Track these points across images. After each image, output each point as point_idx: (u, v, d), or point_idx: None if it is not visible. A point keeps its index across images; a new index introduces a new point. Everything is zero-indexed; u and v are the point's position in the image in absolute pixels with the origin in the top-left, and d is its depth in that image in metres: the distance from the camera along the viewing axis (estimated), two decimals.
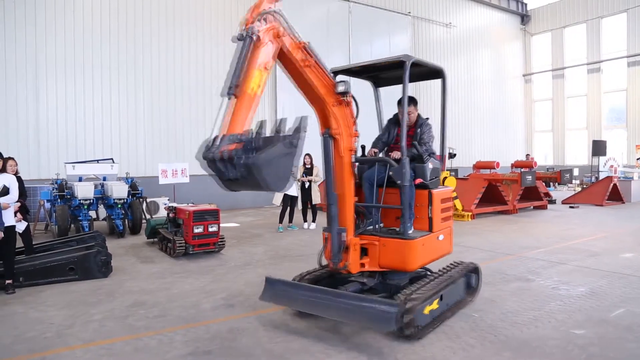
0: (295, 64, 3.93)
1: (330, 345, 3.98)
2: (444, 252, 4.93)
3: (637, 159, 21.10)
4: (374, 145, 5.11)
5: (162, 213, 11.25)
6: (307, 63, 3.98)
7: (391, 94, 5.49)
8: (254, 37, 3.52)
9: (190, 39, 15.05)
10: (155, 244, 9.00)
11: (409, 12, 20.77)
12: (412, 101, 4.91)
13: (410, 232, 4.45)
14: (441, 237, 4.78)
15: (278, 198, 10.83)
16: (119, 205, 10.05)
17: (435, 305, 4.31)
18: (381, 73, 5.32)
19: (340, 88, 4.12)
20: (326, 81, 4.14)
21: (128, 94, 14.06)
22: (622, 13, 22.78)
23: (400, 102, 4.70)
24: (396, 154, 4.54)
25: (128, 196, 10.19)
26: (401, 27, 20.52)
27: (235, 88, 3.42)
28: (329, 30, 17.97)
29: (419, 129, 4.93)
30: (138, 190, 10.63)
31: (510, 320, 4.55)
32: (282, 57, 3.89)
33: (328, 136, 4.25)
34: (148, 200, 11.92)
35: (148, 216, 11.33)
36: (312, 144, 5.13)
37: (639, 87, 22.33)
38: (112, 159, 12.24)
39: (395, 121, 5.08)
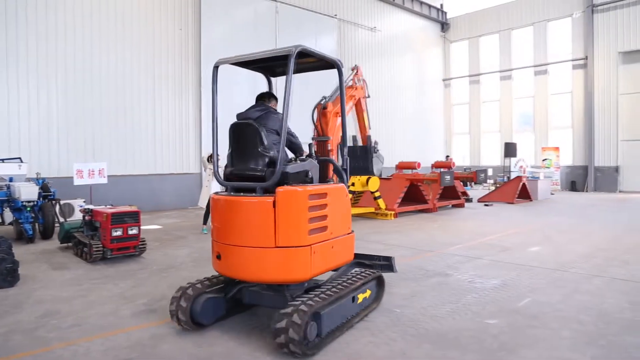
0: None
1: (256, 348, 3.95)
2: None
3: (543, 160, 22.97)
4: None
5: (78, 216, 10.60)
6: None
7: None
8: None
9: (108, 32, 14.27)
10: (69, 249, 8.44)
11: (336, 15, 21.09)
12: (274, 97, 5.00)
13: None
14: None
15: (203, 199, 10.58)
16: (28, 208, 9.31)
17: None
18: (274, 64, 5.24)
19: None
20: None
21: (39, 87, 12.97)
22: (529, 26, 24.63)
23: (270, 96, 4.97)
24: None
25: (39, 198, 9.49)
26: (328, 29, 20.78)
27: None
28: (257, 30, 17.80)
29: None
30: (50, 192, 9.93)
31: (430, 313, 4.77)
32: None
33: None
34: (62, 202, 11.17)
35: (61, 219, 10.62)
36: None
37: (544, 95, 24.27)
38: (20, 158, 11.32)
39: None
